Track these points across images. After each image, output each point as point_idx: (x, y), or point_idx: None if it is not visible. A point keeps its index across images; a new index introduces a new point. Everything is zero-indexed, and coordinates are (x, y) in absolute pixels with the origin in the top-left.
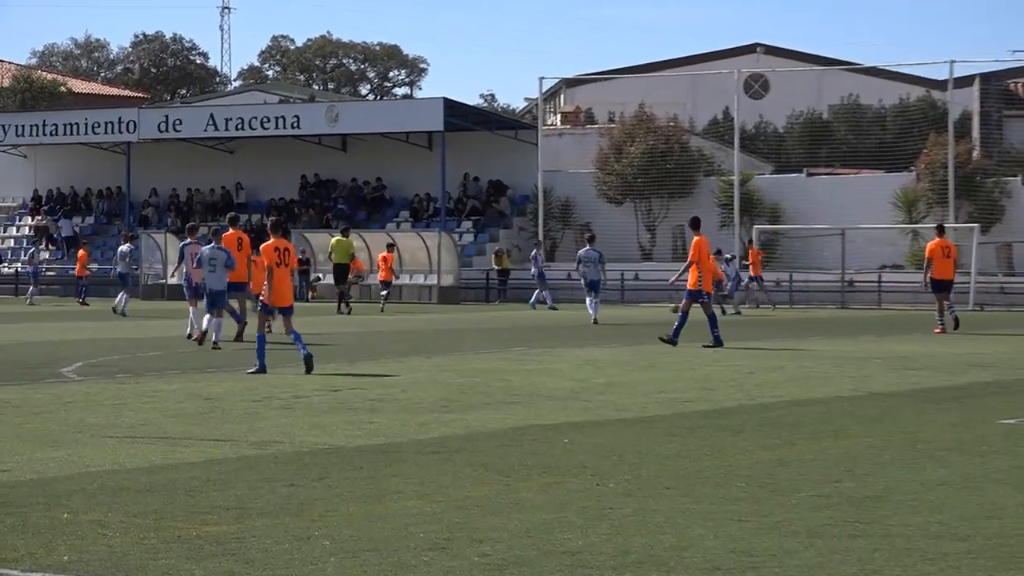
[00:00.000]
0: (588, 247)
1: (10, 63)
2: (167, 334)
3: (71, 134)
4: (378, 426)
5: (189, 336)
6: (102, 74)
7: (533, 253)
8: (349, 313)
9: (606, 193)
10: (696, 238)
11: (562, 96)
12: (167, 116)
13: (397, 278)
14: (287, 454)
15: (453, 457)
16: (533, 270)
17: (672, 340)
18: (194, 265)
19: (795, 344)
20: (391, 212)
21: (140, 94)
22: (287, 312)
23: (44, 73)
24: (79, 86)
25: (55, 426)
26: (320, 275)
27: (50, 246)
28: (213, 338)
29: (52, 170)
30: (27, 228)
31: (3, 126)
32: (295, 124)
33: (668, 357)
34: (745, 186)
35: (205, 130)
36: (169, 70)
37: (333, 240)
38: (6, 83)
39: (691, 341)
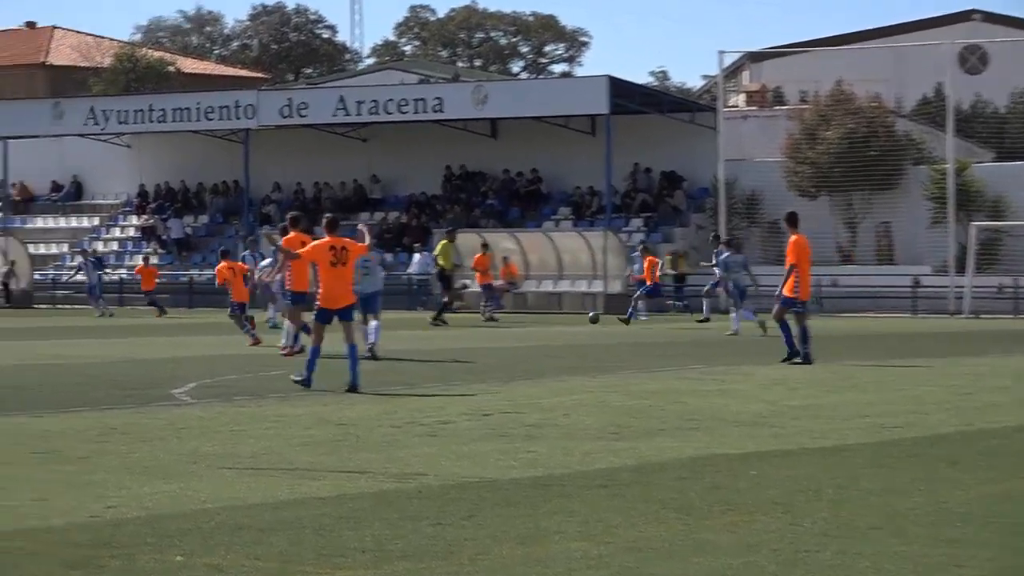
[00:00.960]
0: (728, 251)
1: (112, 40)
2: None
3: (181, 120)
4: (536, 456)
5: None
6: (216, 52)
7: (725, 255)
8: (439, 323)
9: (798, 185)
10: (793, 237)
11: (746, 73)
12: (290, 99)
13: (516, 286)
14: (432, 488)
15: (623, 492)
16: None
17: (800, 357)
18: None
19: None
20: (548, 208)
21: (259, 74)
22: (346, 316)
23: (150, 51)
24: (190, 65)
25: (166, 456)
26: (467, 282)
27: (159, 249)
28: (369, 344)
29: (160, 162)
30: (132, 229)
31: (104, 112)
32: (437, 107)
33: (870, 376)
34: (961, 176)
35: (334, 115)
36: (292, 46)
37: (440, 244)
38: (107, 63)
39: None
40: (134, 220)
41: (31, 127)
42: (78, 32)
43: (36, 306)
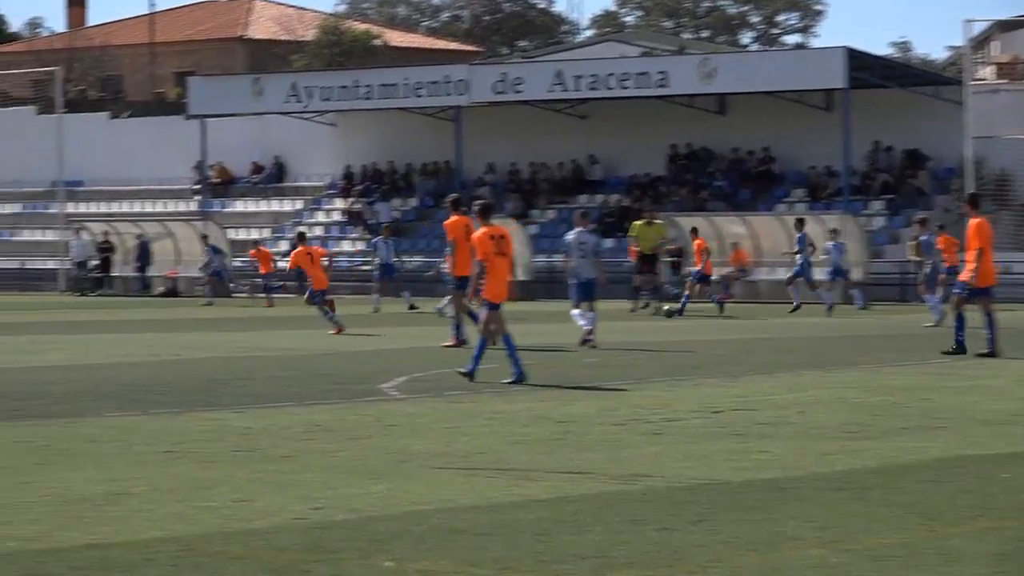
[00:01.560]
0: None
1: (315, 12)
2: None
3: (388, 97)
4: (770, 456)
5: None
6: (424, 23)
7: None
8: (643, 308)
9: None
10: (977, 220)
11: (995, 43)
12: (505, 74)
13: (745, 273)
14: (657, 490)
15: (864, 495)
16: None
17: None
18: (569, 253)
19: None
20: (780, 190)
21: (471, 47)
22: (495, 308)
23: (355, 23)
24: (398, 38)
25: (374, 455)
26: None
27: (366, 234)
28: (587, 334)
29: (366, 142)
30: (337, 213)
31: (307, 89)
32: (661, 82)
33: None
34: None
35: (551, 91)
36: (506, 18)
37: (638, 224)
38: (310, 36)
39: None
40: (339, 203)
41: (230, 105)
42: (279, 3)
43: (235, 295)
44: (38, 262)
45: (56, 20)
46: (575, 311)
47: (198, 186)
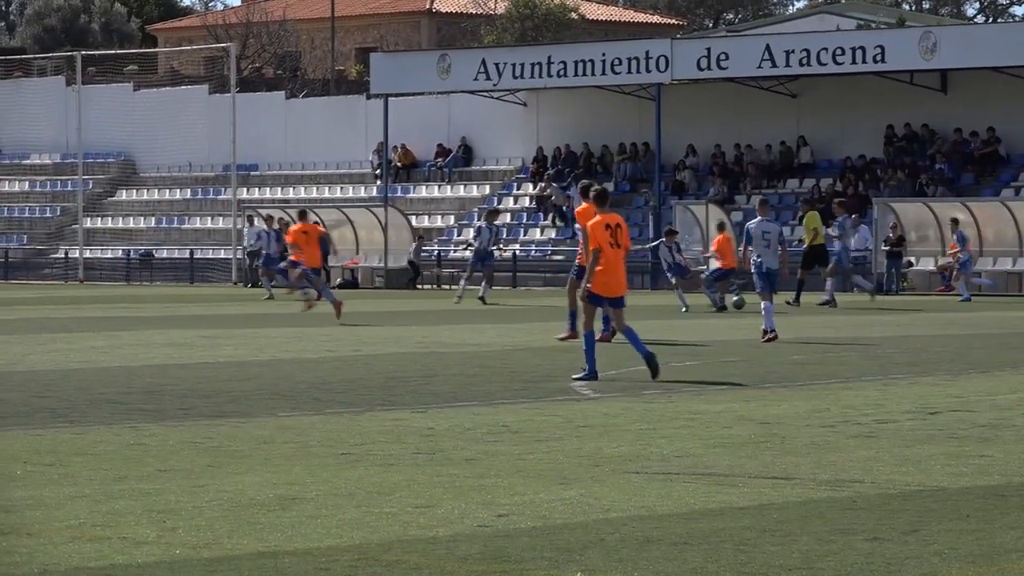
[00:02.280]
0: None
1: None
2: (706, 336)
3: (584, 74)
4: (990, 461)
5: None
6: None
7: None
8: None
9: None
10: None
11: None
12: (708, 49)
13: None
14: (868, 497)
15: None
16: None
17: None
18: (743, 243)
19: None
20: (1007, 174)
21: (674, 20)
22: (618, 304)
23: None
24: (595, 11)
25: (565, 458)
26: (912, 259)
27: (557, 222)
28: (767, 328)
29: (559, 122)
30: (527, 199)
31: (497, 65)
32: (878, 57)
33: None
34: None
35: (759, 67)
36: None
37: (808, 214)
38: (501, 9)
39: None
40: (530, 188)
41: (415, 83)
42: None
43: (420, 286)
44: (209, 251)
45: None
46: (765, 304)
47: (379, 170)
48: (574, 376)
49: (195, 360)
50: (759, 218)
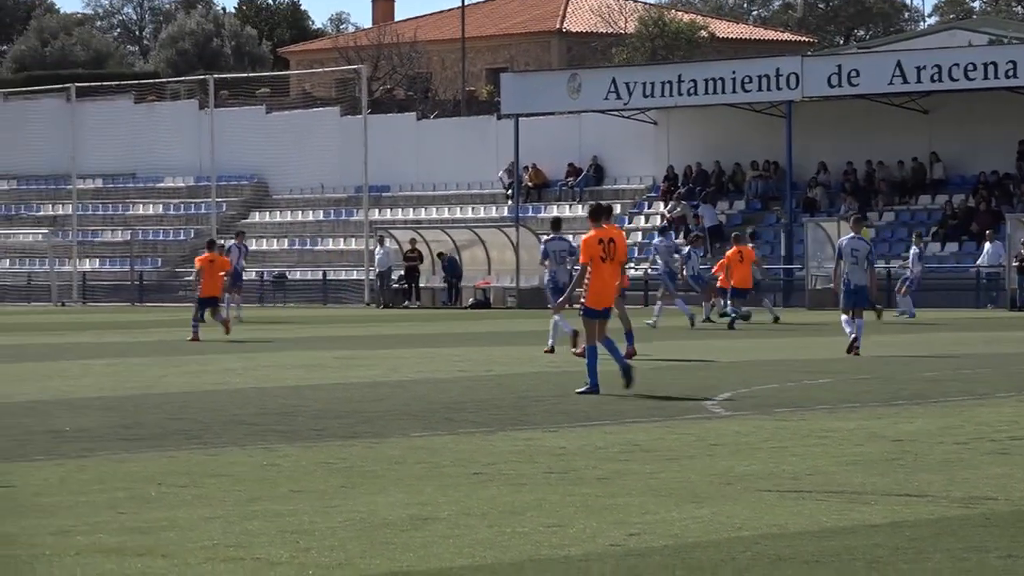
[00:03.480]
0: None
1: (636, 2)
2: (839, 354)
3: (714, 92)
4: None
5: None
6: (754, 12)
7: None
8: None
9: None
10: None
11: None
12: (839, 66)
13: None
14: (1002, 515)
15: None
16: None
17: None
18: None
19: None
20: None
21: (804, 38)
22: (604, 315)
23: (679, 14)
24: (724, 29)
25: (696, 476)
26: None
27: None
28: (853, 343)
29: (690, 141)
30: (658, 218)
31: (627, 84)
32: (1010, 72)
33: None
34: None
35: (890, 83)
36: (841, 5)
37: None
38: (631, 28)
39: None
40: (661, 207)
41: (545, 102)
42: None
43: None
44: (342, 273)
45: (362, 15)
46: (844, 317)
47: (510, 190)
48: (577, 390)
49: (328, 381)
50: (851, 235)
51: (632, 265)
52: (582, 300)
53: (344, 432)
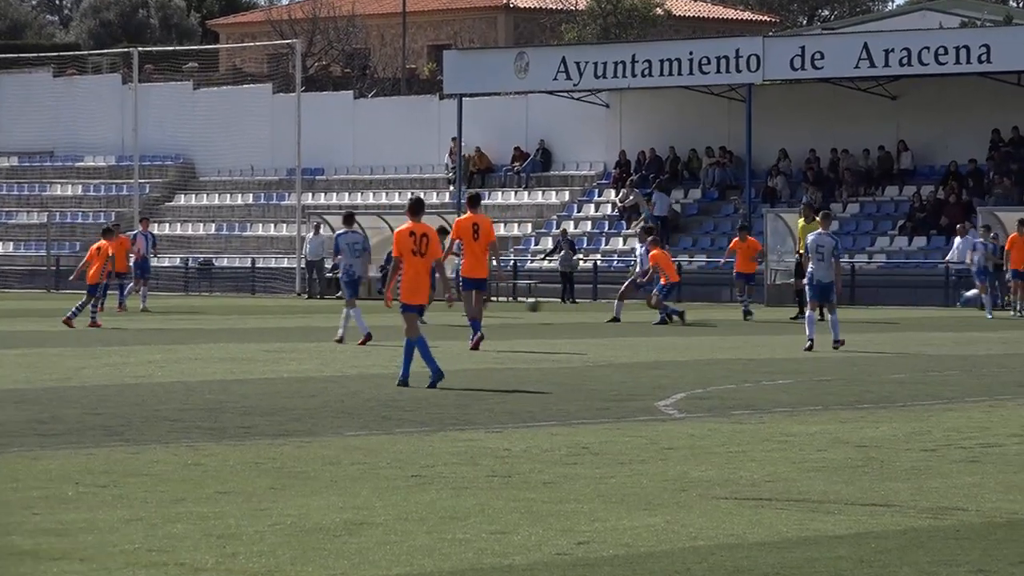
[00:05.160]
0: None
1: None
2: (799, 354)
3: (670, 74)
4: None
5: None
6: None
7: None
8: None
9: None
10: None
11: None
12: (803, 48)
13: None
14: (973, 526)
15: None
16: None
17: None
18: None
19: None
20: None
21: (766, 17)
22: (420, 312)
23: None
24: (682, 7)
25: (649, 481)
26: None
27: (644, 234)
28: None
29: (643, 125)
30: (609, 206)
31: (578, 64)
32: (983, 57)
33: None
34: None
35: (856, 67)
36: None
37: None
38: (582, 5)
39: None
40: (612, 195)
41: (491, 82)
42: None
43: (494, 299)
44: (272, 260)
45: None
46: (809, 314)
47: (452, 175)
48: (427, 385)
49: (257, 375)
50: (818, 231)
51: (581, 256)
52: (400, 298)
53: (274, 430)
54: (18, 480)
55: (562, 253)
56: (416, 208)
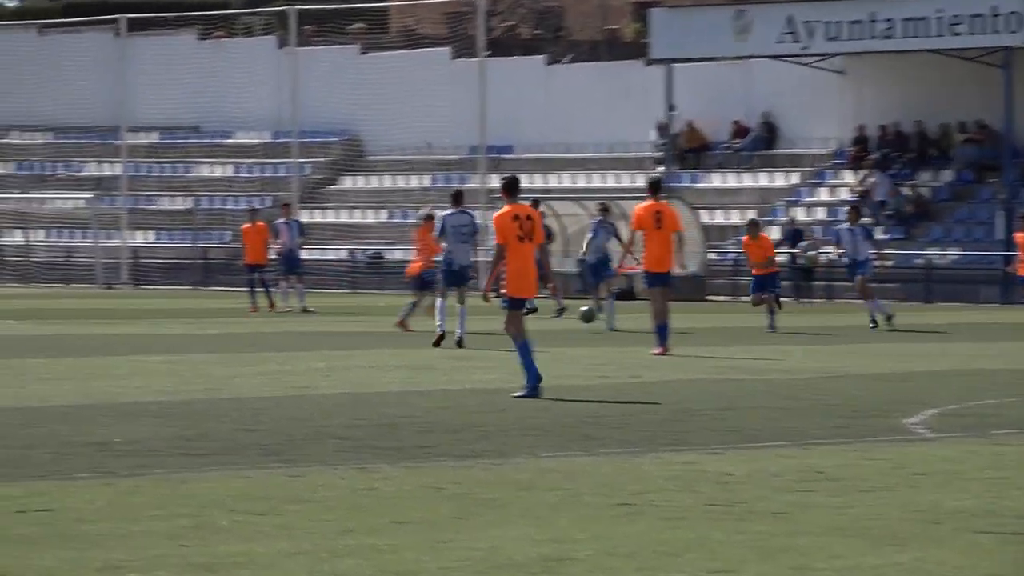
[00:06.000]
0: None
1: None
2: None
3: (915, 36)
4: None
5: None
6: None
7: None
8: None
9: None
10: None
11: None
12: None
13: None
14: None
15: None
16: None
17: None
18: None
19: None
20: None
21: None
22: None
23: None
24: None
25: (895, 512)
26: None
27: (882, 219)
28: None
29: (884, 96)
30: (844, 190)
31: (807, 24)
32: None
33: None
34: None
35: None
36: None
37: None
38: None
39: None
40: (847, 177)
41: (705, 45)
42: None
43: (710, 298)
44: None
45: None
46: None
47: (661, 154)
48: (513, 394)
49: (439, 386)
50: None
51: (822, 250)
52: (500, 290)
53: (458, 450)
54: (163, 507)
55: (807, 243)
56: (513, 187)
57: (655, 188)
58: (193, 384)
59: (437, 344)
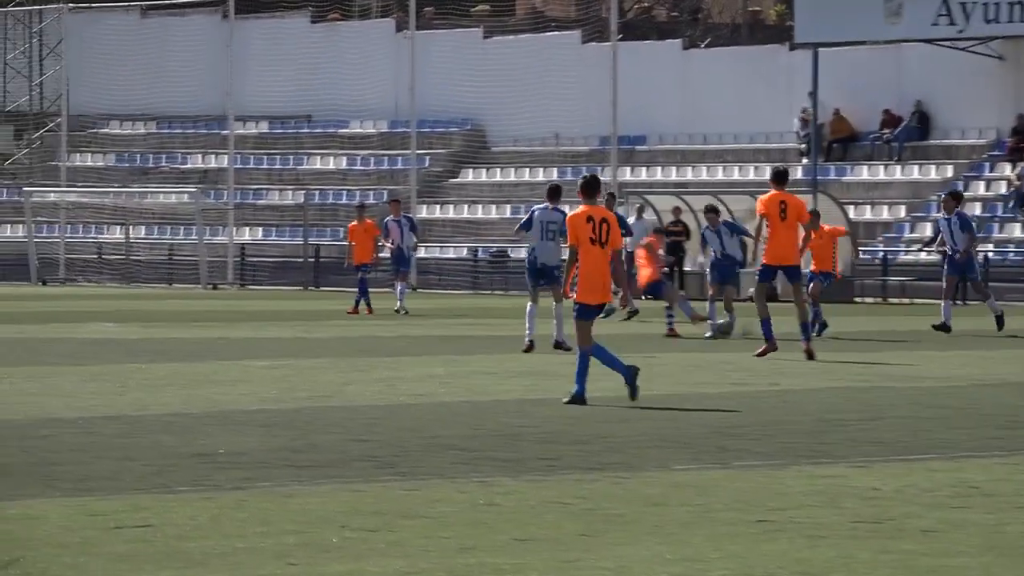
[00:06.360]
0: None
1: None
2: None
3: None
4: None
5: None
6: None
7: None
8: None
9: None
10: None
11: None
12: None
13: None
14: None
15: None
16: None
17: None
18: None
19: None
20: None
21: None
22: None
23: None
24: None
25: None
26: None
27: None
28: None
29: None
30: (1003, 184)
31: (964, 6)
32: None
33: None
34: None
35: None
36: None
37: None
38: None
39: None
40: (1007, 170)
41: (854, 29)
42: None
43: (858, 300)
44: None
45: None
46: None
47: (805, 145)
48: (564, 400)
49: (563, 393)
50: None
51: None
52: (572, 294)
53: (584, 462)
54: (269, 523)
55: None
56: (591, 188)
57: (780, 179)
58: (301, 391)
59: (528, 351)
